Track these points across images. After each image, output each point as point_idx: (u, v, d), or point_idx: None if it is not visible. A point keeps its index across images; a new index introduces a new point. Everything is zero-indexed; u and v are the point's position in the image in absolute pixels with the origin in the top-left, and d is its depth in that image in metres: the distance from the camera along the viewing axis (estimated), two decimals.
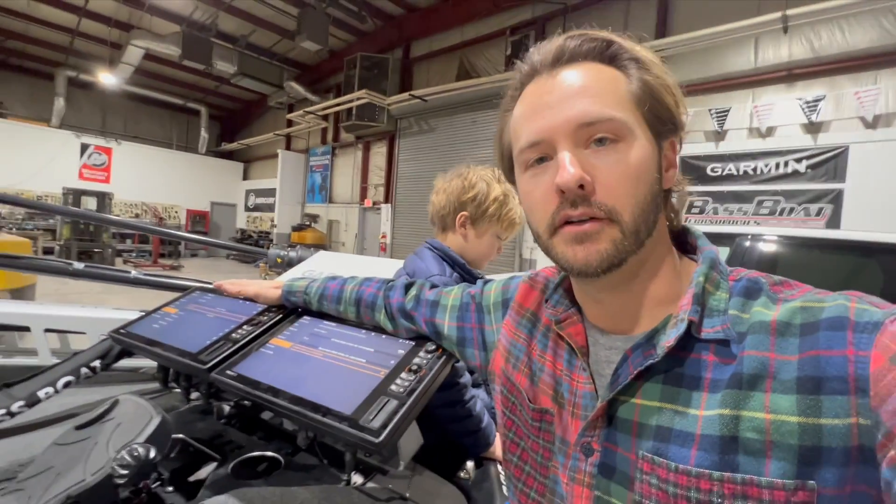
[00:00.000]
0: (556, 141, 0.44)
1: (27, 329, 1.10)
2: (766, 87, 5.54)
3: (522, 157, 0.48)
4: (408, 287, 0.77)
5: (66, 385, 0.91)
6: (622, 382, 0.43)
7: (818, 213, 5.00)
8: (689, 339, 0.42)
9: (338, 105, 10.48)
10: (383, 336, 0.77)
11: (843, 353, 0.35)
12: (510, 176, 0.53)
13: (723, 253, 3.22)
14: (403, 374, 0.66)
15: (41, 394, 0.87)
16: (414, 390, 0.62)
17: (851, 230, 4.19)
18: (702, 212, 5.83)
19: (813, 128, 5.13)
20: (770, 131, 5.43)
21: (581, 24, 0.49)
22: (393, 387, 0.64)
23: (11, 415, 0.84)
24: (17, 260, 1.09)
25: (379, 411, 0.59)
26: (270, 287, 0.95)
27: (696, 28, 5.62)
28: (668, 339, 0.42)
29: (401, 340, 0.74)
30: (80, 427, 0.75)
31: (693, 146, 5.88)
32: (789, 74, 5.35)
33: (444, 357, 0.69)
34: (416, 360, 0.68)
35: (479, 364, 0.67)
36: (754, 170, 5.45)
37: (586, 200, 0.43)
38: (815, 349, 0.36)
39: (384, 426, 0.57)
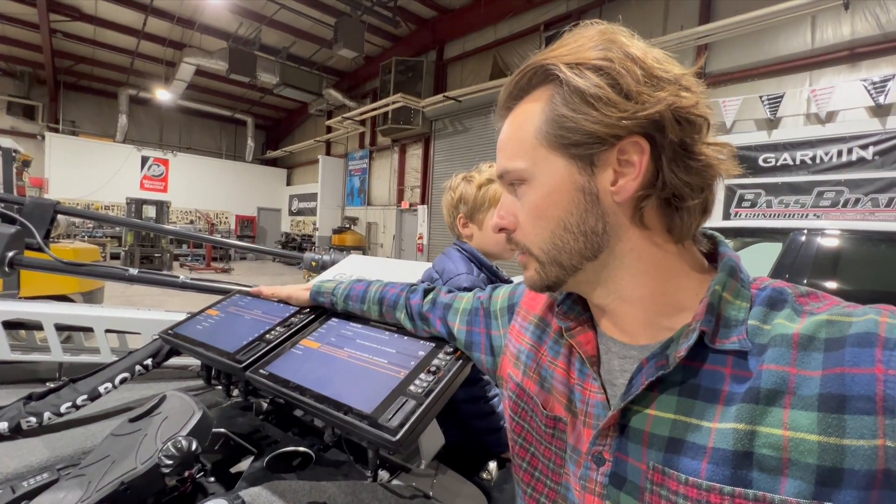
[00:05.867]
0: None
1: (91, 330, 1.21)
2: (825, 69, 5.15)
3: None
4: (427, 291, 0.80)
5: (123, 381, 1.00)
6: (634, 392, 0.43)
7: (888, 204, 4.58)
8: (705, 350, 0.41)
9: (374, 110, 10.72)
10: (405, 337, 0.79)
11: (870, 372, 0.33)
12: None
13: (776, 249, 3.01)
14: (422, 375, 0.67)
15: (101, 389, 0.96)
16: (431, 391, 0.64)
17: None
18: (753, 205, 5.49)
19: (881, 110, 4.71)
20: (830, 116, 5.04)
21: (618, 16, 0.49)
22: (412, 387, 0.65)
23: (77, 407, 0.94)
24: (80, 267, 1.20)
25: (397, 411, 0.61)
26: (301, 289, 1.00)
27: (744, 10, 5.30)
28: (679, 350, 0.41)
29: (421, 342, 0.76)
30: (133, 420, 0.82)
31: (742, 136, 5.55)
32: (852, 54, 4.94)
33: (462, 359, 0.70)
34: (435, 362, 0.70)
35: (486, 367, 0.68)
36: (813, 158, 5.08)
37: (510, 239, 0.52)
38: (840, 366, 0.35)
39: (401, 425, 0.58)
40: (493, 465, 0.89)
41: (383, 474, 0.81)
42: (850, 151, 4.86)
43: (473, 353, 0.69)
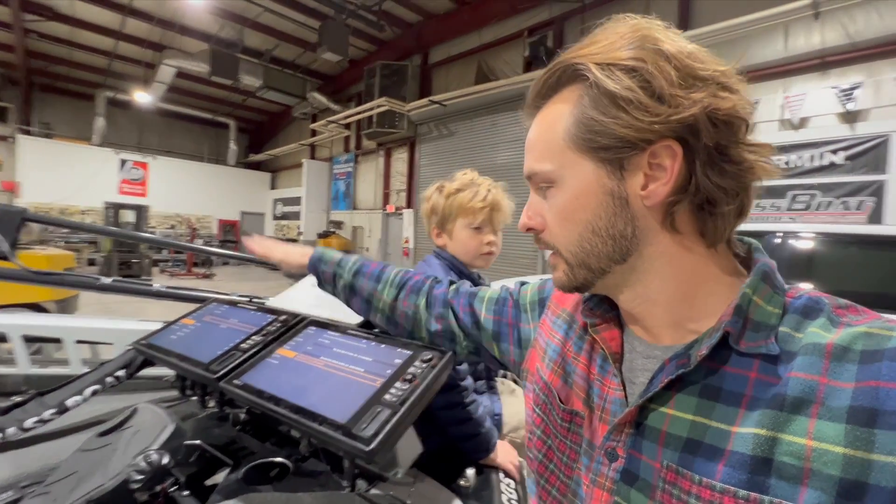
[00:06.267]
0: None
1: (60, 341, 1.17)
2: (797, 77, 5.31)
3: None
4: (452, 282, 0.79)
5: (94, 393, 0.97)
6: (653, 390, 0.42)
7: (859, 207, 4.74)
8: (730, 353, 0.41)
9: (359, 113, 10.68)
10: (382, 346, 0.79)
11: None
12: None
13: None
14: (398, 384, 0.67)
15: (70, 402, 0.93)
16: (407, 400, 0.63)
17: None
18: None
19: (850, 117, 4.88)
20: (803, 122, 5.20)
21: (599, 23, 0.46)
22: (387, 396, 0.65)
23: (44, 422, 0.91)
24: (49, 276, 1.17)
25: (372, 420, 0.61)
26: (298, 253, 0.89)
27: (720, 19, 5.44)
28: (701, 349, 0.40)
29: (398, 350, 0.76)
30: (102, 434, 0.80)
31: None
32: (822, 62, 5.11)
33: (438, 367, 0.70)
34: (411, 370, 0.69)
35: (513, 360, 0.67)
36: (787, 163, 5.22)
37: (538, 239, 0.52)
38: (875, 379, 0.34)
39: (375, 435, 0.58)
40: (471, 472, 0.89)
41: (361, 484, 0.81)
42: (821, 156, 5.02)
43: (501, 343, 0.68)
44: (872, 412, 0.33)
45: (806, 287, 0.44)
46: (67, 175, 12.97)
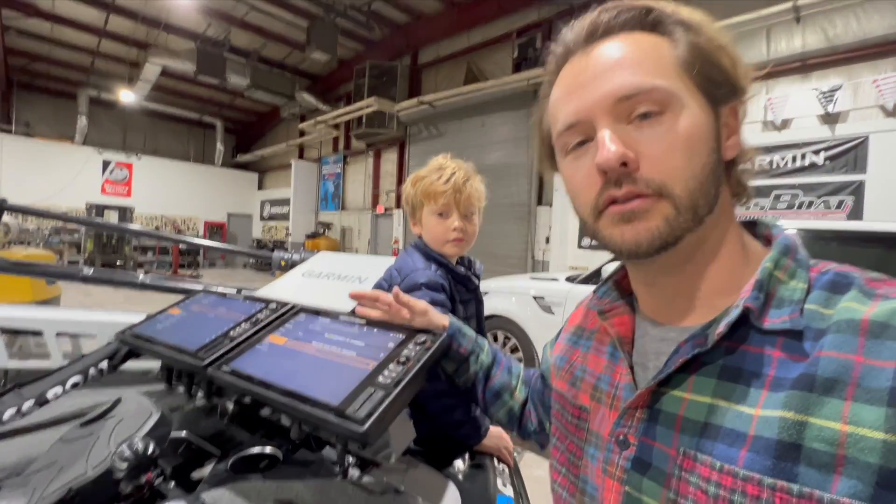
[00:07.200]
0: (595, 119, 0.40)
1: (40, 334, 1.14)
2: (779, 79, 5.44)
3: (561, 141, 0.45)
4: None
5: (75, 385, 0.94)
6: (667, 371, 0.40)
7: (839, 206, 4.86)
8: (751, 331, 0.38)
9: (348, 113, 10.64)
10: (375, 330, 0.77)
11: None
12: (551, 163, 0.50)
13: None
14: (391, 366, 0.66)
15: (50, 394, 0.90)
16: (401, 381, 0.62)
17: (875, 221, 4.06)
18: None
19: (830, 118, 5.00)
20: (785, 124, 5.32)
21: None
22: (380, 378, 0.64)
23: (22, 414, 0.87)
24: (31, 266, 1.13)
25: (365, 401, 0.60)
26: (438, 314, 0.78)
27: None
28: (719, 327, 0.38)
29: (391, 334, 0.75)
30: (84, 424, 0.78)
31: None
32: (803, 65, 5.24)
33: (432, 349, 0.69)
34: (405, 353, 0.68)
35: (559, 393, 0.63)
36: (770, 163, 5.34)
37: (631, 178, 0.39)
38: None
39: (369, 415, 0.57)
40: (464, 458, 0.89)
41: (354, 472, 0.79)
42: (803, 157, 5.14)
43: (545, 393, 0.68)
44: None
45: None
46: (49, 175, 12.67)
